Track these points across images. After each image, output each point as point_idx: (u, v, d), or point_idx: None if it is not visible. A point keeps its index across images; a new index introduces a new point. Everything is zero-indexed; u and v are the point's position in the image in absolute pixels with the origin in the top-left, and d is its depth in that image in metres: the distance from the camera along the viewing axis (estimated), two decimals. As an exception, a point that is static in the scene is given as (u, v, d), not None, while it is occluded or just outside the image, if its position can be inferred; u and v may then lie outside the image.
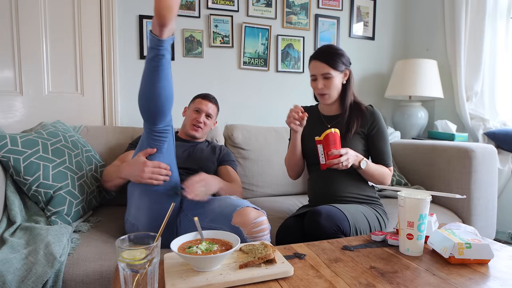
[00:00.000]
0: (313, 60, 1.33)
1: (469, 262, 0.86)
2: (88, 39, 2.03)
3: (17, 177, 1.27)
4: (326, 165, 1.21)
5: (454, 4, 2.31)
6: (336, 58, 1.31)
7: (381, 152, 1.36)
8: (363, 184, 1.35)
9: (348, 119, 1.36)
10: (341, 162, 1.19)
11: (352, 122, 1.34)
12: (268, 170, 1.91)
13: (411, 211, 0.90)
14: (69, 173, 1.32)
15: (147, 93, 1.07)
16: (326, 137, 1.21)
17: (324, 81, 1.32)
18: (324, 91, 1.33)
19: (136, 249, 0.65)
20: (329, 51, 1.32)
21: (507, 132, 2.09)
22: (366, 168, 1.27)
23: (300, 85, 2.49)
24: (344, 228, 1.11)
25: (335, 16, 2.54)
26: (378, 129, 1.35)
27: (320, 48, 1.34)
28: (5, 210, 1.25)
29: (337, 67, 1.31)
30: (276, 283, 0.75)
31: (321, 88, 1.32)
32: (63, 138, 1.43)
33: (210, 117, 1.60)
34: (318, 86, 1.32)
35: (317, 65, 1.32)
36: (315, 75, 1.33)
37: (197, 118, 1.55)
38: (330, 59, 1.30)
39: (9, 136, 1.29)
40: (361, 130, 1.35)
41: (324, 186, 1.35)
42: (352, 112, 1.36)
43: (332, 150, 1.19)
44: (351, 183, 1.33)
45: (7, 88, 1.91)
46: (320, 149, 1.23)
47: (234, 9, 2.28)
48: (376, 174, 1.30)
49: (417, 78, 2.29)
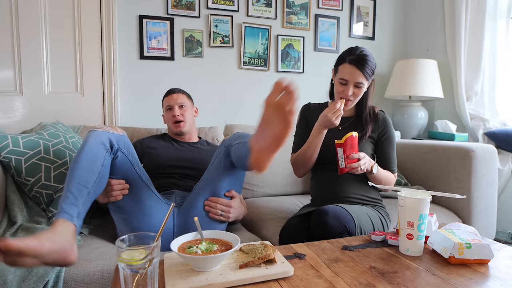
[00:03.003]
0: (350, 65, 1.25)
1: (469, 262, 0.86)
2: (88, 39, 2.03)
3: (18, 178, 1.27)
4: (346, 169, 1.19)
5: (454, 4, 2.31)
6: (371, 67, 1.26)
7: (388, 158, 1.37)
8: (368, 185, 1.35)
9: (363, 123, 1.35)
10: (360, 166, 1.18)
11: (367, 126, 1.34)
12: (268, 170, 1.90)
13: (411, 211, 0.90)
14: (69, 173, 1.32)
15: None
16: (347, 140, 1.18)
17: (354, 89, 1.27)
18: (350, 98, 1.28)
19: (135, 250, 0.65)
20: (365, 58, 1.25)
21: (507, 132, 2.09)
22: (377, 173, 1.27)
23: (300, 85, 2.49)
24: (350, 228, 1.11)
25: (335, 16, 2.54)
26: (389, 135, 1.36)
27: (357, 53, 1.26)
28: (5, 210, 1.25)
29: (369, 77, 1.28)
30: (276, 283, 0.75)
31: (350, 95, 1.27)
32: (64, 139, 1.43)
33: (184, 106, 1.56)
34: (348, 93, 1.26)
35: (353, 71, 1.25)
36: (347, 81, 1.26)
37: (172, 114, 1.54)
38: (366, 68, 1.25)
39: (11, 137, 1.29)
40: (371, 134, 1.35)
41: (331, 186, 1.34)
42: (366, 116, 1.36)
43: (352, 154, 1.18)
44: (357, 185, 1.32)
45: (7, 88, 1.91)
46: (340, 153, 1.19)
47: (234, 9, 2.28)
48: (384, 179, 1.31)
49: (417, 78, 2.29)
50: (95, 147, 1.02)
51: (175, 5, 2.16)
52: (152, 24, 2.13)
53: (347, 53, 1.29)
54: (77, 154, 1.01)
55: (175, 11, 2.16)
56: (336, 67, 1.33)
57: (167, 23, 2.15)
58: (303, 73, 2.49)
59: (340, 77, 1.28)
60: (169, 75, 2.20)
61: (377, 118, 1.37)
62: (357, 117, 1.39)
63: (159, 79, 2.18)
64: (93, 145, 1.02)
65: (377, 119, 1.37)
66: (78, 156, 1.00)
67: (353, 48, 1.29)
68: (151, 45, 2.13)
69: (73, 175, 0.96)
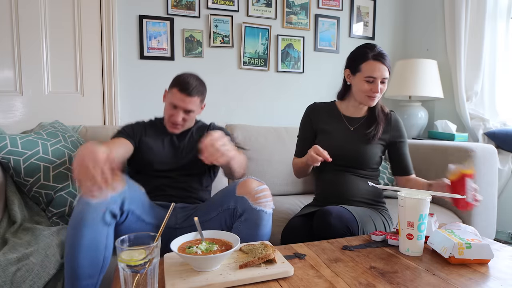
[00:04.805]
0: (375, 61, 1.23)
1: (469, 262, 0.86)
2: (88, 39, 2.03)
3: (17, 178, 1.27)
4: (471, 204, 1.03)
5: (454, 4, 2.30)
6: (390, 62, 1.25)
7: (408, 161, 1.35)
8: (374, 188, 1.32)
9: (374, 123, 1.32)
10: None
11: (378, 127, 1.31)
12: (268, 170, 1.91)
13: (411, 211, 0.90)
14: (70, 174, 1.32)
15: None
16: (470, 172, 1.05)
17: (380, 86, 1.25)
18: (377, 95, 1.26)
19: (135, 250, 0.65)
20: (385, 53, 1.24)
21: (507, 132, 2.09)
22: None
23: (300, 85, 2.49)
24: (353, 229, 1.10)
25: (335, 16, 2.54)
26: (405, 138, 1.35)
27: (379, 49, 1.25)
28: (5, 210, 1.25)
29: (391, 72, 1.27)
30: (276, 283, 0.75)
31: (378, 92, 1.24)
32: (63, 138, 1.43)
33: (191, 112, 1.35)
34: (377, 90, 1.24)
35: (380, 67, 1.22)
36: (375, 78, 1.23)
37: (174, 116, 1.32)
38: (389, 62, 1.24)
39: (9, 137, 1.29)
40: (382, 136, 1.32)
41: (336, 187, 1.31)
42: (378, 115, 1.33)
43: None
44: (363, 187, 1.30)
45: (7, 88, 1.91)
46: (470, 184, 1.03)
47: (234, 9, 2.27)
48: None
49: (417, 78, 2.28)
50: (94, 228, 0.89)
51: (175, 5, 2.16)
52: (152, 24, 2.13)
53: (367, 50, 1.25)
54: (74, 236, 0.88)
55: (175, 11, 2.16)
56: (356, 66, 1.27)
57: (167, 23, 2.15)
58: (303, 73, 2.49)
59: (366, 75, 1.24)
60: (169, 75, 2.17)
61: (389, 119, 1.34)
62: (369, 117, 1.35)
63: (159, 79, 2.18)
64: (90, 225, 0.88)
65: (388, 120, 1.34)
66: (76, 241, 0.87)
67: (369, 45, 1.26)
68: (151, 45, 2.13)
69: (76, 271, 0.87)
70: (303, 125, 1.44)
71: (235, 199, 1.08)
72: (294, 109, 2.47)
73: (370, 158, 1.30)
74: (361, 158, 1.30)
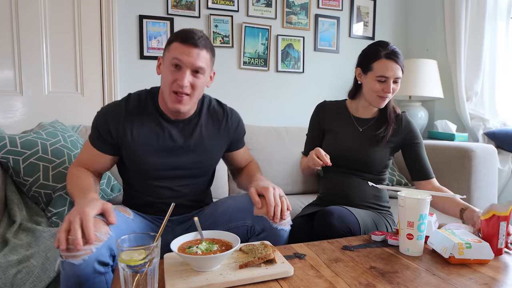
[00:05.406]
0: (388, 60, 1.18)
1: (469, 262, 0.86)
2: (88, 39, 2.03)
3: (16, 178, 1.27)
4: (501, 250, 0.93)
5: (454, 4, 2.30)
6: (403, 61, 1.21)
7: (426, 163, 1.27)
8: (380, 192, 1.31)
9: (384, 124, 1.27)
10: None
11: (389, 128, 1.26)
12: (269, 170, 1.91)
13: (411, 211, 0.90)
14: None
15: None
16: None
17: (393, 85, 1.21)
18: (388, 96, 1.22)
19: (135, 250, 0.65)
20: (398, 51, 1.20)
21: (507, 132, 2.09)
22: None
23: (300, 85, 2.49)
24: (354, 231, 1.09)
25: (335, 16, 2.54)
26: (418, 138, 1.28)
27: (392, 47, 1.20)
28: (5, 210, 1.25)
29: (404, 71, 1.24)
30: (276, 283, 0.75)
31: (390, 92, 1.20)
32: (62, 138, 1.43)
33: (200, 73, 1.00)
34: (389, 90, 1.19)
35: (393, 66, 1.18)
36: (387, 77, 1.19)
37: (179, 80, 0.98)
38: (402, 61, 1.19)
39: (8, 137, 1.29)
40: (391, 138, 1.27)
41: (342, 189, 1.29)
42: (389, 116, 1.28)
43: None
44: (369, 191, 1.28)
45: (7, 88, 1.90)
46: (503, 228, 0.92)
47: (234, 9, 2.27)
48: None
49: (417, 78, 2.28)
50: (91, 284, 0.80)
51: (175, 5, 2.16)
52: (152, 24, 2.13)
53: (380, 48, 1.20)
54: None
55: (175, 11, 2.16)
56: (368, 65, 1.22)
57: (167, 23, 2.15)
58: (303, 73, 2.49)
59: (378, 75, 1.19)
60: (169, 75, 2.19)
61: (399, 121, 1.28)
62: (379, 118, 1.31)
63: (159, 79, 2.17)
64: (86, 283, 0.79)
65: (399, 121, 1.28)
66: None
67: (382, 42, 1.23)
68: (151, 45, 2.13)
69: None
70: (312, 123, 1.42)
71: (253, 218, 1.01)
72: (294, 109, 2.47)
73: (376, 161, 1.27)
74: (367, 161, 1.26)
